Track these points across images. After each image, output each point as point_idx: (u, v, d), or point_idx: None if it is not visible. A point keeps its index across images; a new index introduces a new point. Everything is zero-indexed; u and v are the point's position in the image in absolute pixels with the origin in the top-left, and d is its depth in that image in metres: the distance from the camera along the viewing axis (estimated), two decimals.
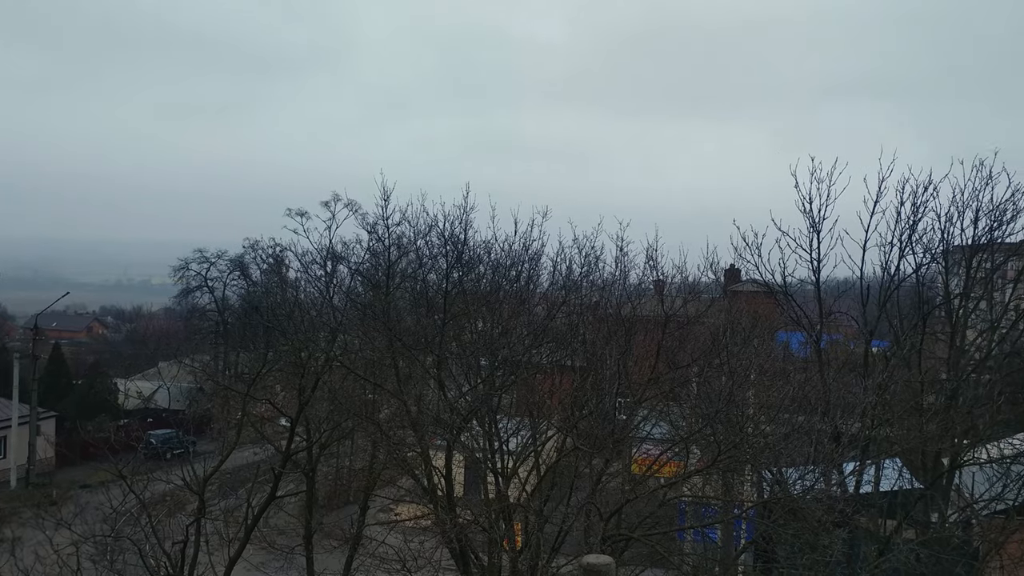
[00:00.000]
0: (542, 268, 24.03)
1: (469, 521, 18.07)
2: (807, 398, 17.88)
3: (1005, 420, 22.32)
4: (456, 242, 21.51)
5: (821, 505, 15.46)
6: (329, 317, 23.38)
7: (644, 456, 20.67)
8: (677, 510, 20.12)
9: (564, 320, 22.09)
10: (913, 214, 21.64)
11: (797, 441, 16.24)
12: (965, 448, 21.09)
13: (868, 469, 19.87)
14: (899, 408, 19.15)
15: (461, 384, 19.83)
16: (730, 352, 18.12)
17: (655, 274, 22.88)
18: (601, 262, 23.65)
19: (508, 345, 19.06)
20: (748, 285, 33.08)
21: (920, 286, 23.09)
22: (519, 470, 18.85)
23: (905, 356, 21.78)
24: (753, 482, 19.90)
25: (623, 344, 19.46)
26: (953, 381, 21.38)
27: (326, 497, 32.32)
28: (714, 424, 15.60)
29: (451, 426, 18.16)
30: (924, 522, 20.09)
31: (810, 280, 22.85)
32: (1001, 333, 22.85)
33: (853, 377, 20.53)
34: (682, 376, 20.01)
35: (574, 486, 18.38)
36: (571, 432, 18.09)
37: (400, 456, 19.66)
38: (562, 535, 16.78)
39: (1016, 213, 21.60)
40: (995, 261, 23.01)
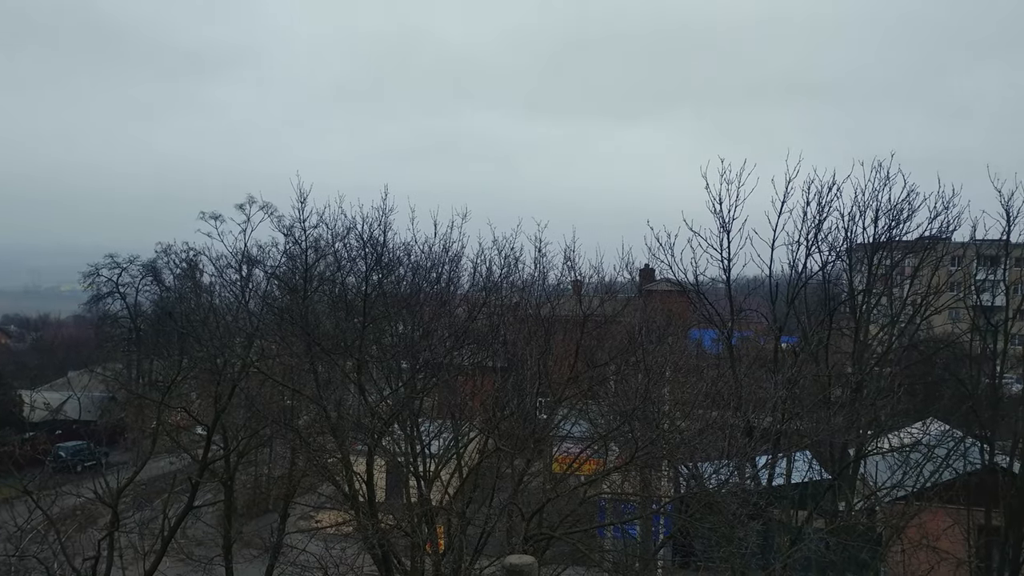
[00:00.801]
0: (462, 270, 24.10)
1: (391, 526, 18.03)
2: (720, 394, 18.39)
3: (905, 411, 23.39)
4: (375, 244, 21.42)
5: (736, 498, 15.93)
6: (245, 322, 23.00)
7: (565, 455, 20.94)
8: (597, 507, 20.45)
9: (485, 321, 22.21)
10: (818, 214, 22.47)
11: (711, 436, 16.70)
12: (869, 439, 22.03)
13: (780, 462, 20.56)
14: (808, 402, 19.84)
15: (382, 388, 19.75)
16: (646, 350, 18.53)
17: (573, 274, 23.25)
18: (521, 263, 23.89)
19: (429, 347, 19.07)
20: (662, 284, 33.79)
21: (826, 283, 23.99)
22: (441, 473, 18.89)
23: (813, 351, 22.58)
24: (670, 477, 20.38)
25: (543, 344, 19.69)
26: (858, 374, 22.26)
27: (245, 506, 31.75)
28: (631, 421, 15.91)
29: (372, 431, 18.09)
30: (832, 511, 20.89)
31: (721, 279, 23.51)
32: (900, 327, 23.92)
33: (764, 372, 21.19)
34: (600, 374, 20.35)
35: (496, 487, 18.50)
36: (493, 433, 18.22)
37: (320, 462, 19.49)
38: (485, 536, 16.89)
39: (912, 212, 22.67)
40: (894, 258, 24.07)
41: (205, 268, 53.63)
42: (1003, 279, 26.45)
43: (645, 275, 36.46)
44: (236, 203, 60.63)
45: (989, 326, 25.15)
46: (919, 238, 23.80)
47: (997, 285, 26.83)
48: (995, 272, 27.20)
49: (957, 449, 23.93)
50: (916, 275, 24.52)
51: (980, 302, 26.32)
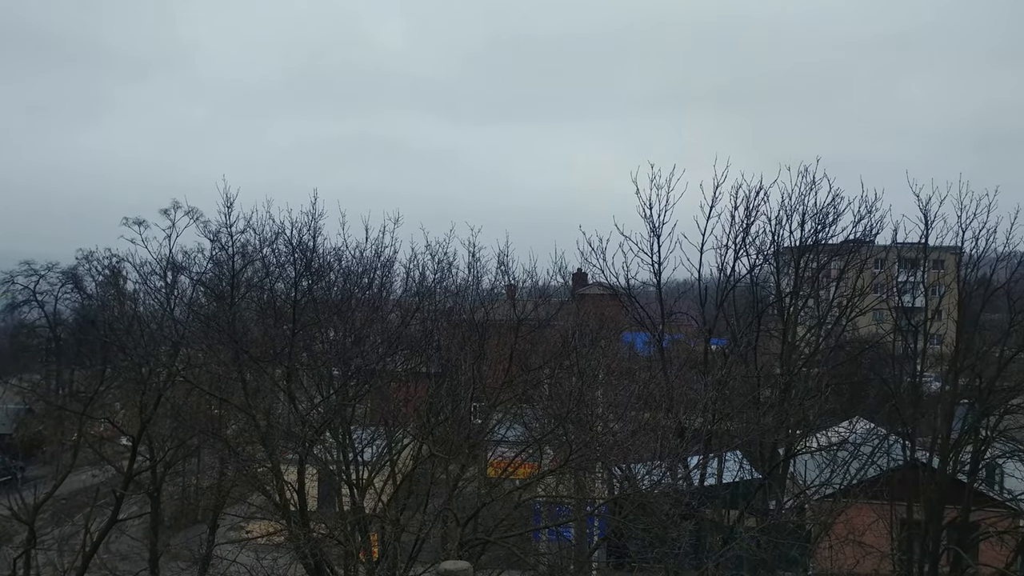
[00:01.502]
0: (395, 275, 23.92)
1: (324, 535, 17.74)
2: (652, 395, 18.56)
3: (832, 410, 23.96)
4: (305, 249, 21.09)
5: (668, 499, 16.07)
6: (171, 330, 22.42)
7: (499, 459, 20.89)
8: (532, 511, 20.44)
9: (418, 327, 22.05)
10: (746, 218, 22.90)
11: (644, 437, 16.84)
12: (798, 438, 22.49)
13: (711, 462, 20.84)
14: (738, 402, 20.15)
15: (313, 396, 19.45)
16: (579, 353, 18.61)
17: (507, 279, 23.25)
18: (454, 268, 23.80)
19: (361, 354, 18.83)
20: (595, 288, 34.05)
21: (754, 286, 24.43)
22: (375, 480, 18.67)
23: (742, 353, 22.96)
24: (604, 479, 20.47)
25: (477, 349, 19.65)
26: (786, 375, 22.72)
27: (172, 518, 30.93)
28: (565, 424, 15.94)
29: (303, 439, 17.77)
30: (763, 510, 21.24)
31: (652, 282, 23.78)
32: (827, 329, 24.49)
33: (694, 374, 21.48)
34: (534, 378, 20.36)
35: (431, 493, 18.36)
36: (427, 439, 18.07)
37: (250, 472, 19.08)
38: (419, 543, 16.73)
39: (837, 216, 23.26)
40: (820, 261, 24.66)
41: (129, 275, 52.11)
42: (922, 281, 27.31)
43: (578, 279, 36.70)
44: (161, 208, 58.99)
45: (910, 326, 25.94)
46: (844, 241, 24.42)
47: (917, 287, 27.69)
48: (915, 274, 28.08)
49: (881, 446, 24.62)
50: (841, 277, 25.15)
51: (901, 303, 27.14)
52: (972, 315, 24.81)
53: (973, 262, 24.48)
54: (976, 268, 24.67)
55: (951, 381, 25.19)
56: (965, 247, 24.18)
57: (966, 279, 24.71)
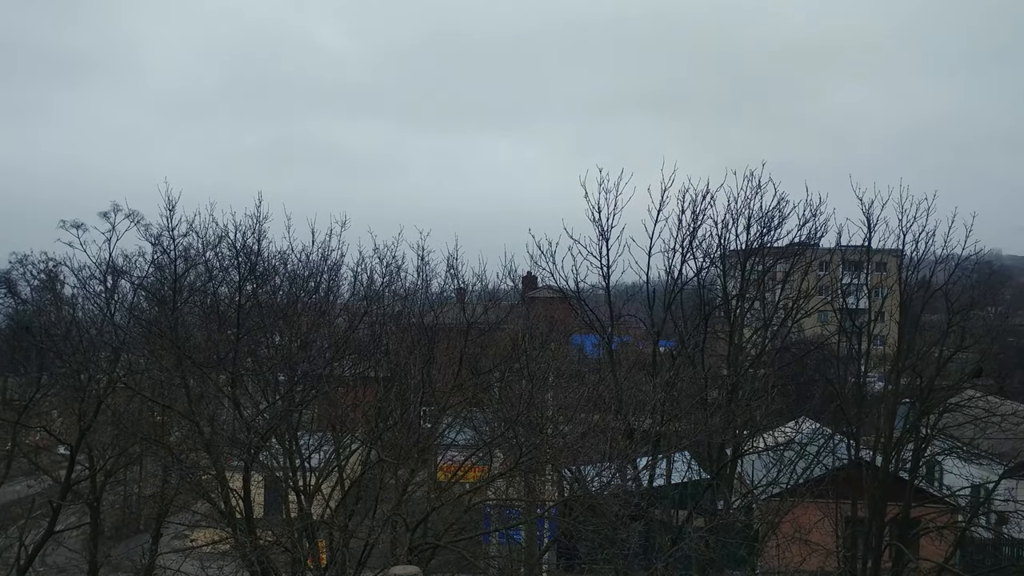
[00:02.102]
0: (342, 278, 23.64)
1: (271, 542, 17.44)
2: (601, 397, 18.61)
3: (778, 410, 24.29)
4: (249, 253, 20.73)
5: (618, 500, 16.11)
6: (111, 336, 21.85)
7: (449, 463, 20.78)
8: (482, 514, 20.36)
9: (366, 331, 21.83)
10: (693, 221, 23.16)
11: (593, 439, 16.87)
12: (745, 438, 22.75)
13: (660, 463, 20.97)
14: (686, 404, 20.31)
15: (258, 401, 19.11)
16: (529, 356, 18.59)
17: (456, 282, 23.17)
18: (403, 271, 23.62)
19: (308, 359, 18.56)
20: (544, 291, 34.11)
21: (701, 288, 24.69)
22: (322, 486, 18.41)
23: (689, 354, 23.17)
24: (554, 481, 20.47)
25: (426, 353, 19.50)
26: (733, 376, 22.97)
27: (113, 528, 30.17)
28: (515, 427, 15.90)
29: (248, 446, 17.44)
30: (711, 510, 21.44)
31: (601, 285, 23.90)
32: (773, 330, 24.84)
33: (643, 376, 21.61)
34: (484, 382, 20.29)
35: (379, 498, 18.16)
36: (376, 444, 17.88)
37: (194, 480, 18.67)
38: (368, 549, 16.53)
39: (782, 220, 23.61)
40: (766, 264, 25.01)
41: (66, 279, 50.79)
42: (866, 283, 27.84)
43: (528, 282, 36.76)
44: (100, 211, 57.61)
45: (854, 328, 26.42)
46: (789, 244, 24.80)
47: (861, 289, 28.23)
48: (858, 276, 28.62)
49: (826, 446, 25.02)
50: (787, 280, 25.54)
51: (846, 305, 27.64)
52: (913, 316, 25.36)
53: (914, 265, 25.03)
54: (916, 270, 25.23)
55: (893, 381, 25.71)
56: (906, 250, 24.75)
57: (907, 281, 25.25)
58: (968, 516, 25.69)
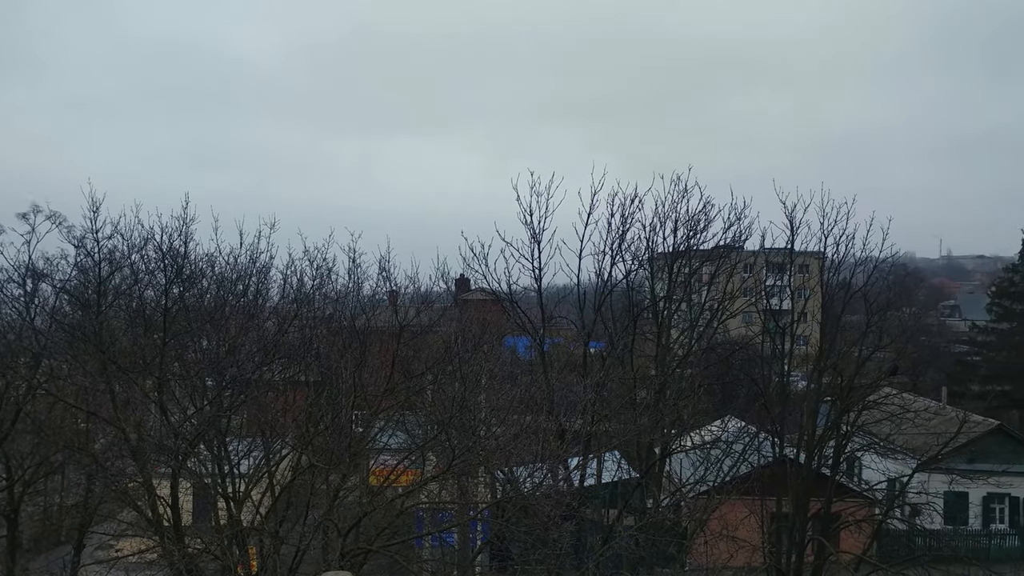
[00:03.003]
0: (271, 281, 23.39)
1: (199, 550, 17.17)
2: (533, 399, 18.82)
3: (705, 410, 24.83)
4: (176, 256, 20.38)
5: (550, 500, 16.31)
6: (31, 341, 21.21)
7: (382, 467, 20.72)
8: (415, 518, 20.36)
9: (296, 334, 21.63)
10: (622, 225, 23.54)
11: (526, 441, 17.06)
12: (673, 437, 23.20)
13: (591, 463, 21.27)
14: (615, 404, 20.65)
15: (186, 407, 18.79)
16: (462, 359, 18.67)
17: (388, 285, 23.09)
18: (334, 274, 23.46)
19: (236, 363, 18.31)
20: (477, 293, 34.23)
21: (630, 290, 25.11)
22: (252, 492, 18.19)
23: (619, 355, 23.55)
24: (487, 483, 20.59)
25: (358, 356, 19.40)
26: (661, 376, 23.41)
27: (32, 540, 29.24)
28: (448, 430, 15.97)
29: (176, 452, 17.15)
30: (641, 508, 21.82)
31: (533, 287, 24.13)
32: (699, 331, 25.39)
33: (574, 377, 21.89)
34: (417, 385, 20.29)
35: (311, 504, 18.02)
36: (306, 449, 17.74)
37: (120, 488, 18.28)
38: (299, 555, 16.40)
39: (708, 223, 24.16)
40: (692, 266, 25.54)
41: None
42: (788, 285, 28.63)
43: (461, 285, 36.83)
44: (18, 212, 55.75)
45: (777, 328, 27.14)
46: (715, 247, 25.36)
47: (784, 290, 29.02)
48: (782, 278, 29.41)
49: (752, 444, 25.65)
50: (712, 282, 26.12)
51: (769, 306, 28.38)
52: (834, 317, 26.17)
53: (835, 267, 25.83)
54: (837, 272, 26.04)
55: (815, 380, 26.49)
56: (827, 252, 25.50)
57: (828, 283, 26.04)
58: (884, 509, 26.65)
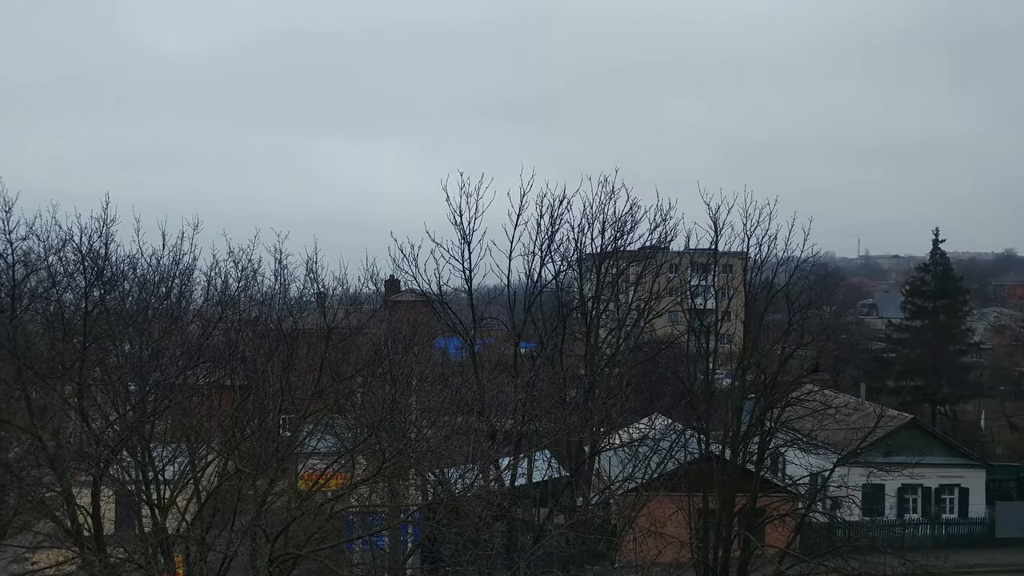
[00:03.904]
0: (195, 283, 22.98)
1: (122, 559, 16.75)
2: (464, 400, 18.83)
3: (633, 408, 25.20)
4: (96, 257, 19.86)
5: (481, 501, 16.35)
6: None
7: (311, 471, 20.50)
8: (345, 522, 20.20)
9: (222, 337, 21.27)
10: (551, 226, 23.74)
11: (457, 442, 17.06)
12: (602, 436, 23.49)
13: (522, 462, 21.39)
14: (546, 403, 20.82)
15: (108, 413, 18.31)
16: (392, 361, 18.60)
17: (316, 286, 22.85)
18: (260, 275, 23.14)
19: (160, 367, 17.92)
20: (407, 295, 34.08)
21: (559, 291, 25.34)
22: (178, 499, 17.82)
23: (549, 355, 23.74)
24: (417, 485, 20.54)
25: (285, 359, 19.14)
26: (590, 376, 23.69)
27: None
28: (379, 432, 15.89)
29: (97, 459, 16.69)
30: (571, 507, 22.03)
31: (463, 288, 24.15)
32: (627, 330, 25.77)
33: (505, 377, 21.98)
34: (346, 388, 20.12)
35: (238, 509, 17.72)
36: (233, 454, 17.44)
37: (36, 498, 17.69)
38: (227, 562, 16.13)
39: (634, 224, 24.55)
40: (620, 267, 25.92)
41: None
42: (713, 284, 29.25)
43: (390, 286, 36.58)
44: None
45: (702, 327, 27.69)
46: (641, 248, 25.78)
47: (708, 290, 29.63)
48: (706, 278, 30.02)
49: (679, 441, 26.13)
50: (639, 282, 26.54)
51: (694, 306, 28.95)
52: (757, 316, 26.85)
53: (757, 267, 26.50)
54: (760, 272, 26.72)
55: (740, 377, 27.12)
56: (750, 252, 26.14)
57: (751, 282, 26.70)
58: (807, 503, 27.43)
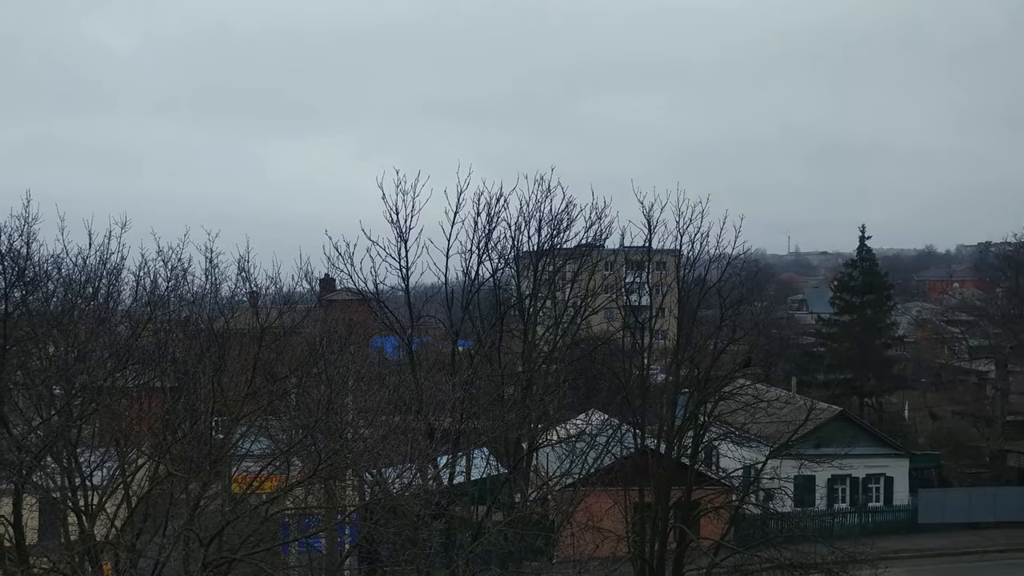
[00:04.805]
0: (123, 283, 22.42)
1: (47, 569, 16.26)
2: (402, 399, 18.72)
3: (570, 404, 25.38)
4: (16, 257, 19.25)
5: (419, 500, 16.28)
6: None
7: (245, 474, 20.16)
8: (281, 524, 19.92)
9: (151, 338, 20.79)
10: (488, 224, 23.77)
11: (394, 441, 16.95)
12: (540, 432, 23.61)
13: (460, 460, 21.36)
14: (484, 401, 20.82)
15: (31, 417, 17.75)
16: (328, 361, 18.39)
17: (248, 286, 22.46)
18: (190, 275, 22.68)
19: (87, 370, 17.44)
20: (343, 294, 33.78)
21: (497, 289, 25.40)
22: (106, 505, 17.36)
23: (487, 353, 23.76)
24: (355, 486, 20.37)
25: (217, 360, 18.79)
26: (527, 372, 23.79)
27: None
28: (314, 433, 15.70)
29: (19, 466, 16.15)
30: (510, 504, 22.10)
31: (400, 287, 24.04)
32: (563, 327, 25.94)
33: (443, 376, 21.92)
34: (281, 388, 19.84)
35: (170, 514, 17.34)
36: (164, 458, 17.06)
37: None
38: (159, 568, 15.77)
39: (570, 222, 24.74)
40: (556, 264, 26.08)
41: None
42: (647, 281, 29.63)
43: (325, 285, 36.18)
44: None
45: (637, 323, 28.03)
46: (577, 245, 25.97)
47: (643, 287, 30.00)
48: (641, 275, 30.40)
49: (615, 436, 26.41)
50: (575, 279, 26.74)
51: (629, 302, 29.28)
52: (690, 312, 27.29)
53: (690, 263, 26.94)
54: (693, 269, 27.17)
55: (674, 372, 27.53)
56: (684, 250, 26.57)
57: (685, 279, 27.12)
58: (741, 495, 27.97)
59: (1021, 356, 54.26)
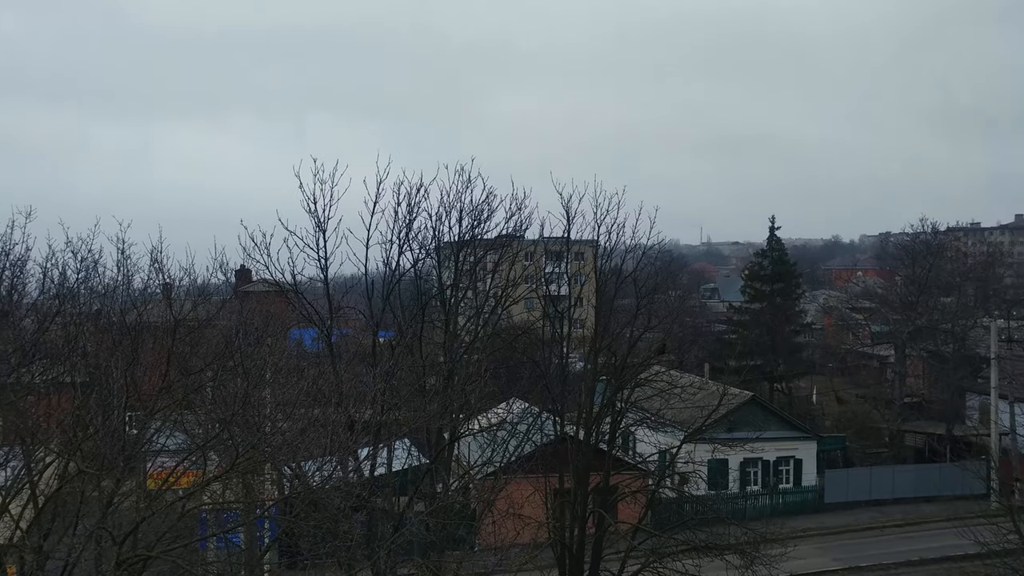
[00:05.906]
0: (29, 275, 21.61)
1: None
2: (322, 391, 18.58)
3: (491, 393, 25.55)
4: None
5: (340, 493, 16.21)
6: None
7: (160, 470, 19.73)
8: (198, 520, 19.58)
9: (60, 332, 20.12)
10: (409, 214, 23.65)
11: (314, 434, 16.82)
12: (461, 422, 23.72)
13: (381, 452, 21.31)
14: (405, 392, 20.80)
15: None
16: (244, 353, 18.13)
17: (161, 277, 21.91)
18: (101, 266, 22.00)
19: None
20: (259, 285, 33.19)
21: (418, 279, 25.33)
22: (11, 506, 16.78)
23: (408, 344, 23.71)
24: (274, 480, 20.15)
25: (130, 354, 18.34)
26: (449, 363, 23.83)
27: None
28: (231, 427, 15.48)
29: None
30: (431, 493, 22.15)
31: (319, 278, 23.72)
32: (485, 317, 26.07)
33: (363, 367, 21.81)
34: (196, 382, 19.47)
35: (81, 513, 16.87)
36: (74, 455, 16.57)
37: None
38: (69, 569, 15.34)
39: (491, 213, 24.82)
40: (477, 255, 26.16)
41: None
42: (566, 271, 29.98)
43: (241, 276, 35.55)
44: None
45: (557, 313, 28.36)
46: (498, 236, 26.10)
47: (562, 277, 30.36)
48: (560, 265, 30.75)
49: (535, 424, 26.72)
50: (496, 270, 26.89)
51: (549, 292, 29.60)
52: (607, 301, 27.77)
53: (607, 254, 27.40)
54: (610, 259, 27.64)
55: (592, 360, 27.97)
56: (600, 240, 26.98)
57: (602, 269, 27.57)
58: (657, 479, 28.64)
59: (918, 341, 56.68)
